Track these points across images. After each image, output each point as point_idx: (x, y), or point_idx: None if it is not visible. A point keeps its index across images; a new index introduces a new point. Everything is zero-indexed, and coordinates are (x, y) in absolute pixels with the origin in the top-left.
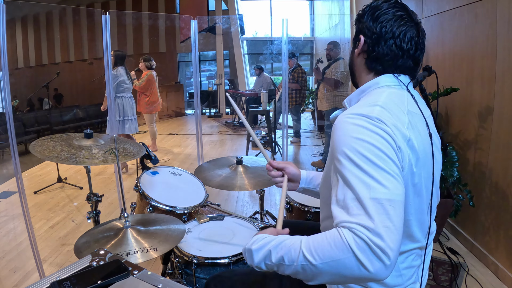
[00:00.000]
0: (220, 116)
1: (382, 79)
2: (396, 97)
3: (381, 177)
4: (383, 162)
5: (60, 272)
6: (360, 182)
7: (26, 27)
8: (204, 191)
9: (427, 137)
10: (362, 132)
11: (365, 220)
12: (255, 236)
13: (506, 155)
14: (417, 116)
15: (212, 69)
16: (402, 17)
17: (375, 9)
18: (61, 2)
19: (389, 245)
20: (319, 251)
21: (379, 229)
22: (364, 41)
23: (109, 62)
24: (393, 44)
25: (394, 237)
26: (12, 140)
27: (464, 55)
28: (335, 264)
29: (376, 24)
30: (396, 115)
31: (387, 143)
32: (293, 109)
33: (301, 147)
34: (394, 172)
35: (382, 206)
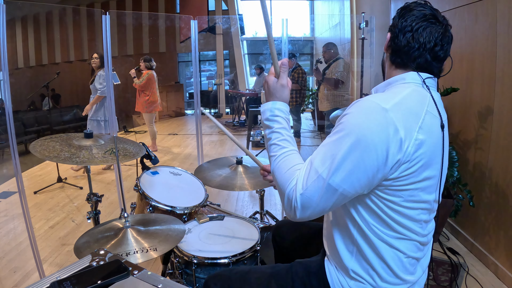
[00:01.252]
0: (220, 116)
1: (409, 76)
2: (418, 95)
3: (342, 169)
4: (358, 164)
5: (60, 272)
6: (324, 157)
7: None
8: (204, 191)
9: (440, 140)
10: (368, 114)
11: (302, 183)
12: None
13: (506, 155)
14: (435, 119)
15: (212, 69)
16: (425, 15)
17: (404, 9)
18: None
19: (301, 214)
20: (281, 168)
21: (303, 197)
22: (389, 37)
23: (109, 62)
24: (411, 37)
25: (308, 210)
26: (12, 140)
27: (464, 55)
28: (279, 184)
29: (400, 20)
30: (412, 112)
31: (382, 140)
32: (293, 109)
33: (301, 147)
34: (358, 176)
35: (319, 183)
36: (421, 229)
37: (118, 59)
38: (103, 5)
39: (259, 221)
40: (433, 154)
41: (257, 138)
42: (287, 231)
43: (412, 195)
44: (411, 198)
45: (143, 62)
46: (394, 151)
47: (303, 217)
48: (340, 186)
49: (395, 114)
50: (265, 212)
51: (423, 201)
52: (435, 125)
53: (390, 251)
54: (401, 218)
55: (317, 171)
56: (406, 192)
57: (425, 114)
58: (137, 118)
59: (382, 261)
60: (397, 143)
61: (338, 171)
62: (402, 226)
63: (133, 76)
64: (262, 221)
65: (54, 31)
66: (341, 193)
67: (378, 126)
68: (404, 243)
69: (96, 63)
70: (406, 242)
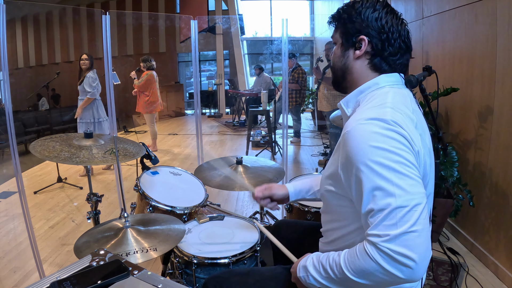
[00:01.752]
0: (220, 116)
1: (382, 79)
2: (401, 97)
3: (405, 183)
4: (405, 168)
5: (60, 272)
6: (386, 193)
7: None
8: (204, 191)
9: (429, 136)
10: (380, 140)
11: (389, 230)
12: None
13: (506, 155)
14: (419, 113)
15: (212, 69)
16: (397, 15)
17: (371, 7)
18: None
19: (413, 249)
20: (352, 266)
21: (403, 236)
22: (368, 42)
23: (109, 62)
24: (400, 42)
25: (419, 240)
26: (12, 140)
27: (464, 55)
28: (370, 276)
29: (379, 21)
30: (407, 115)
31: (406, 147)
32: (293, 109)
33: (301, 147)
34: (415, 176)
35: (408, 212)
36: None
37: (118, 59)
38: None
39: (259, 221)
40: (428, 150)
41: (257, 138)
42: (285, 230)
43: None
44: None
45: (142, 63)
46: (415, 144)
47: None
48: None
49: (396, 118)
50: (265, 212)
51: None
52: (422, 120)
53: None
54: None
55: (390, 205)
56: None
57: (412, 112)
58: (137, 118)
59: None
60: (412, 139)
61: (406, 185)
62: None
63: (134, 78)
64: (262, 221)
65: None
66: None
67: (389, 134)
68: None
69: (86, 64)
70: None
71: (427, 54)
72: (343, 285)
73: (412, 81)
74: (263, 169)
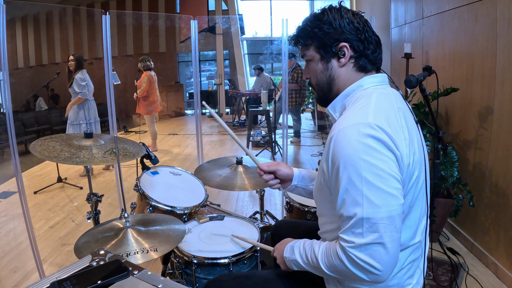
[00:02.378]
0: (220, 116)
1: (366, 81)
2: (385, 97)
3: (375, 196)
4: (378, 180)
5: (60, 272)
6: (355, 203)
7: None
8: (204, 191)
9: (417, 131)
10: (359, 148)
11: (355, 238)
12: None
13: (506, 155)
14: (405, 111)
15: (212, 69)
16: (360, 16)
17: (339, 14)
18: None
19: (378, 260)
20: (326, 261)
21: (368, 246)
22: (350, 46)
23: (109, 62)
24: (374, 36)
25: (383, 251)
26: (12, 140)
27: (464, 55)
28: (340, 272)
29: (353, 25)
30: (390, 115)
31: (384, 155)
32: (293, 109)
33: (301, 147)
34: (390, 187)
35: (374, 224)
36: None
37: (118, 59)
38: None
39: (259, 221)
40: (417, 146)
41: (257, 138)
42: (285, 230)
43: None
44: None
45: (138, 63)
46: (397, 150)
47: (387, 268)
48: (397, 209)
49: (378, 121)
50: (265, 212)
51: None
52: (409, 117)
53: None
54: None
55: (356, 215)
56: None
57: (397, 111)
58: (137, 118)
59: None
60: (394, 143)
61: (373, 203)
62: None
63: (138, 92)
64: (262, 221)
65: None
66: (397, 216)
67: (369, 140)
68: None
69: (72, 65)
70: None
71: (427, 54)
72: (320, 273)
73: (412, 81)
74: None
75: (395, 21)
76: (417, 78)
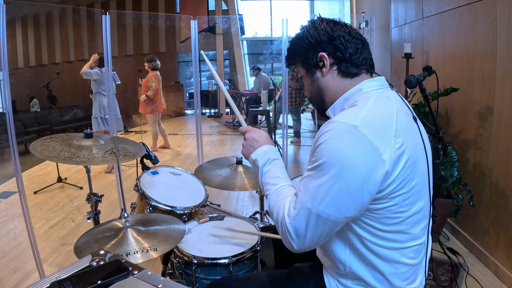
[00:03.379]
0: (220, 116)
1: (365, 85)
2: (383, 100)
3: (326, 198)
4: (340, 195)
5: (60, 272)
6: (310, 192)
7: (26, 27)
8: (204, 191)
9: (418, 133)
10: (338, 145)
11: (291, 212)
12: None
13: (506, 155)
14: (404, 114)
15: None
16: (335, 21)
17: (312, 27)
18: (61, 2)
19: (296, 239)
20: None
21: (294, 225)
22: (328, 55)
23: (109, 62)
24: (353, 39)
25: (302, 239)
26: (12, 140)
27: (464, 55)
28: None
29: (325, 33)
30: (383, 120)
31: (362, 168)
32: (293, 109)
33: (301, 147)
34: (342, 203)
35: (307, 217)
36: (414, 237)
37: (118, 59)
38: (103, 5)
39: (259, 221)
40: (417, 154)
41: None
42: None
43: (404, 204)
44: (405, 208)
45: (146, 63)
46: (375, 165)
47: (302, 247)
48: (327, 214)
49: (365, 128)
50: (265, 212)
51: (415, 211)
52: (409, 120)
53: (386, 264)
54: (394, 235)
55: (302, 202)
56: (396, 203)
57: (396, 114)
58: (137, 118)
59: (377, 272)
60: (377, 156)
61: (323, 201)
62: (394, 241)
63: (145, 94)
64: (262, 221)
65: (54, 31)
66: (332, 221)
67: (352, 147)
68: (398, 252)
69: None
70: (401, 251)
71: (427, 54)
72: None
73: (412, 81)
74: None
75: (395, 21)
76: (417, 78)
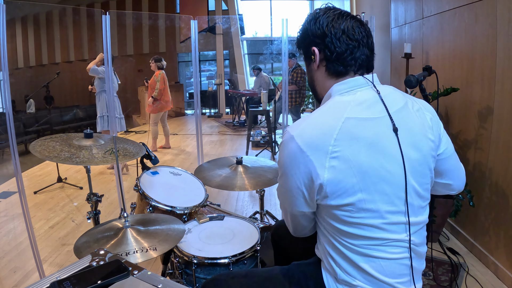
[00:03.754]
0: (220, 116)
1: (334, 89)
2: (334, 107)
3: (283, 198)
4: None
5: (60, 272)
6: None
7: (26, 27)
8: (204, 191)
9: (389, 140)
10: (285, 156)
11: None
12: None
13: (506, 155)
14: (363, 121)
15: (212, 69)
16: (341, 14)
17: (313, 19)
18: (61, 2)
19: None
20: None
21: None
22: (318, 50)
23: (109, 62)
24: (346, 38)
25: (291, 230)
26: (12, 140)
27: (464, 55)
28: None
29: (320, 28)
30: (322, 129)
31: (300, 171)
32: (293, 109)
33: None
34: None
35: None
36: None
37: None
38: (103, 5)
39: (259, 221)
40: (372, 161)
41: (257, 138)
42: (285, 231)
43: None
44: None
45: (153, 63)
46: (311, 172)
47: (294, 235)
48: (292, 210)
49: (300, 138)
50: (265, 212)
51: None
52: (365, 128)
53: (364, 259)
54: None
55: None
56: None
57: (343, 122)
58: (137, 118)
59: (359, 269)
60: (311, 165)
61: (283, 202)
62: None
63: (151, 96)
64: (262, 221)
65: (54, 31)
66: (298, 215)
67: (288, 155)
68: (380, 249)
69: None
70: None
71: (427, 54)
72: None
73: (412, 81)
74: (263, 169)
75: (395, 21)
76: (417, 78)
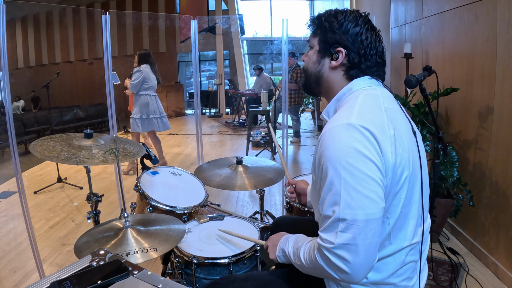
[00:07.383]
0: (220, 116)
1: (355, 84)
2: (371, 98)
3: (351, 197)
4: (361, 184)
5: (60, 272)
6: (333, 203)
7: (26, 27)
8: (204, 191)
9: (410, 132)
10: (342, 149)
11: (329, 237)
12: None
13: (506, 155)
14: (395, 111)
15: (212, 69)
16: (376, 32)
17: (354, 22)
18: (61, 2)
19: (347, 261)
20: (307, 255)
21: (341, 247)
22: (345, 54)
23: (109, 62)
24: (377, 58)
25: (354, 254)
26: (12, 140)
27: (464, 55)
28: (316, 268)
29: (361, 38)
30: (375, 115)
31: (365, 156)
32: (292, 109)
33: (301, 147)
34: (372, 192)
35: (349, 225)
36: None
37: (118, 59)
38: (103, 5)
39: (259, 221)
40: (410, 150)
41: (257, 138)
42: (285, 228)
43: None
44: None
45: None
46: (382, 155)
47: (357, 270)
48: (370, 212)
49: (364, 122)
50: (265, 212)
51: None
52: (399, 118)
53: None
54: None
55: (333, 215)
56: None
57: (384, 111)
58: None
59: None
60: (382, 146)
61: (354, 206)
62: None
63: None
64: (262, 221)
65: (54, 31)
66: (378, 219)
67: (352, 140)
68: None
69: (135, 61)
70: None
71: (427, 54)
72: (302, 268)
73: (412, 81)
74: (263, 169)
75: (395, 21)
76: (417, 78)
